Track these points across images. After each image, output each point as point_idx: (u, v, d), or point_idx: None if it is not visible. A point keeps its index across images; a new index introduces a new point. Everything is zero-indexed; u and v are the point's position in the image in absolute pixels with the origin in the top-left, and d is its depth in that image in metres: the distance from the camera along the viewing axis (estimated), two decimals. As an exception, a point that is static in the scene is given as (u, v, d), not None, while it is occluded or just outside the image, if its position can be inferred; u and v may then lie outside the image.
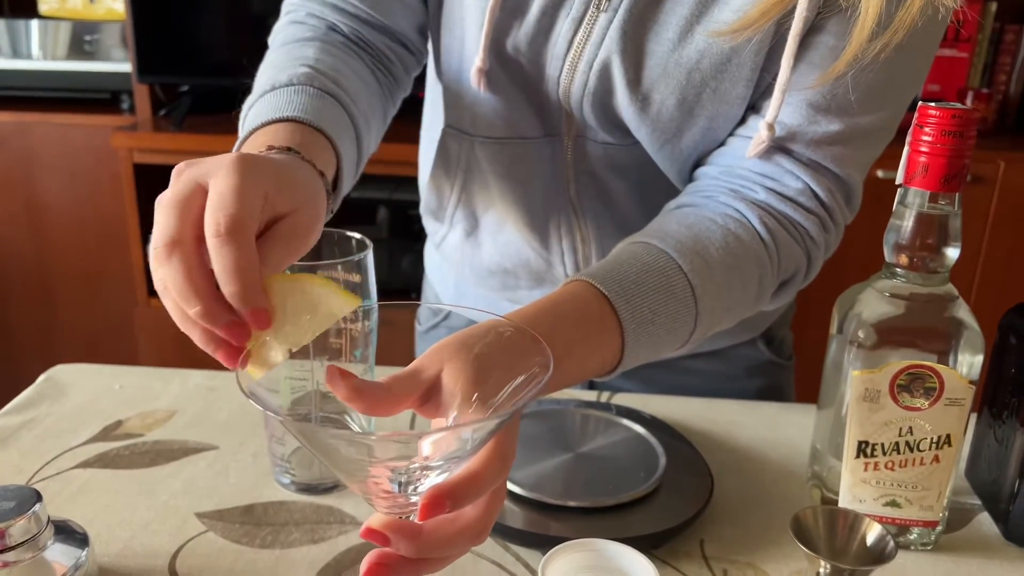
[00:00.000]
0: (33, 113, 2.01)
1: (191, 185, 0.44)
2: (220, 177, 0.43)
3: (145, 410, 0.76)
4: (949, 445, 0.57)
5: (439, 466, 0.40)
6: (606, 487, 0.61)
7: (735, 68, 0.61)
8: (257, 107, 0.60)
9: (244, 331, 0.42)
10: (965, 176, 0.54)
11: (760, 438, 0.74)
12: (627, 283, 0.54)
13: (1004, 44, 2.04)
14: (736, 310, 0.61)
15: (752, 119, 0.64)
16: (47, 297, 2.15)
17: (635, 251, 0.57)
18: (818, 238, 0.64)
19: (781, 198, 0.63)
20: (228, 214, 0.42)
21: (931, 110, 0.53)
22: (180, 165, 0.46)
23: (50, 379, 0.80)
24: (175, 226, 0.42)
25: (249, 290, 0.41)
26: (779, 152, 0.63)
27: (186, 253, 0.42)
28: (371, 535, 0.40)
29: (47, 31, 2.03)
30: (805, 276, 0.66)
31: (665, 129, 0.65)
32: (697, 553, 0.59)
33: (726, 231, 0.59)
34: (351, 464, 0.40)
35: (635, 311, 0.54)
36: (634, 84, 0.64)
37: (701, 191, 0.64)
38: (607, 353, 0.53)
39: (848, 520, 0.52)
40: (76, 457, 0.68)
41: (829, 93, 0.60)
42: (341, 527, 0.61)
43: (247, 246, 0.42)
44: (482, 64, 0.67)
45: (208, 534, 0.59)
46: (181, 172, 0.45)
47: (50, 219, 2.08)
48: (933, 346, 0.56)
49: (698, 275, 0.56)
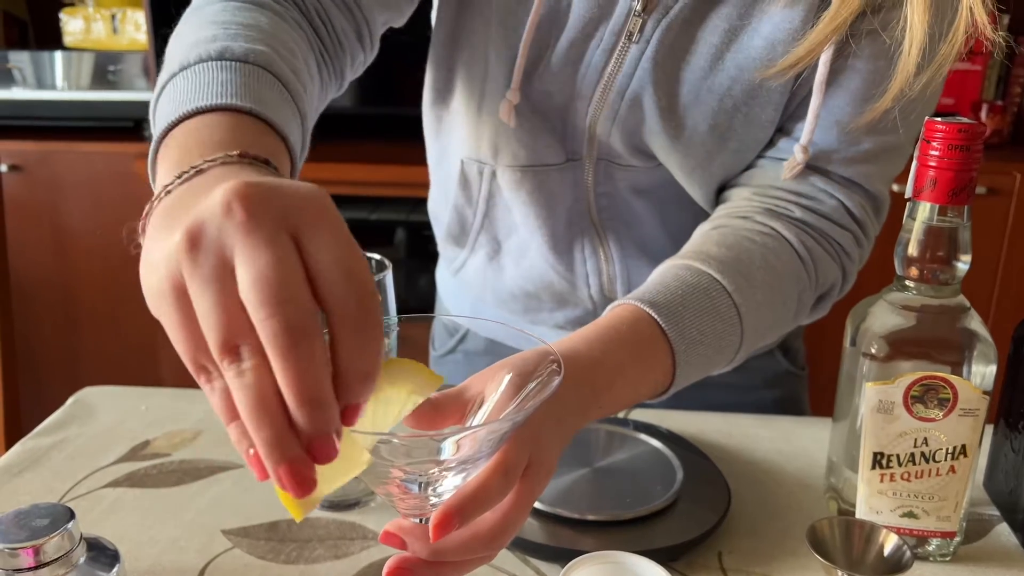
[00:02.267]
0: (58, 142, 2.06)
1: (219, 263, 0.32)
2: (251, 251, 0.32)
3: (171, 430, 0.77)
4: (965, 455, 0.57)
5: (456, 467, 0.41)
6: (624, 500, 0.62)
7: (765, 93, 0.63)
8: (205, 74, 0.46)
9: (310, 471, 0.32)
10: (973, 189, 0.55)
11: (776, 451, 0.74)
12: (674, 305, 0.55)
13: (1018, 57, 2.04)
14: (777, 327, 0.62)
15: (783, 141, 0.65)
16: (72, 322, 2.18)
17: (678, 273, 0.58)
18: (852, 252, 0.65)
19: (817, 216, 0.64)
20: (297, 310, 0.31)
21: (938, 125, 0.54)
22: (182, 241, 0.32)
23: (79, 401, 0.82)
24: (227, 323, 0.31)
25: (333, 410, 0.32)
26: (812, 172, 0.64)
27: (257, 362, 0.32)
28: (388, 538, 0.41)
29: (71, 62, 2.08)
30: (840, 289, 0.67)
31: (696, 155, 0.66)
32: (715, 565, 0.60)
33: (765, 250, 0.61)
34: (375, 465, 0.42)
35: (684, 332, 0.55)
36: (667, 112, 0.65)
37: (736, 212, 0.65)
38: (659, 375, 0.55)
39: (864, 531, 0.52)
40: (106, 477, 0.70)
41: (859, 114, 0.61)
42: (364, 543, 0.62)
43: (322, 349, 0.32)
44: (513, 98, 0.67)
45: (234, 551, 0.61)
46: (191, 250, 0.32)
47: (75, 245, 2.12)
48: (946, 357, 0.56)
49: (741, 294, 0.58)
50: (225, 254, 0.32)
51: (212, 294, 0.32)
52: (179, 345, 0.34)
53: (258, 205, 0.32)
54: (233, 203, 0.32)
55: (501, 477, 0.42)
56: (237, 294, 0.32)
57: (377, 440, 0.39)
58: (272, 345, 0.31)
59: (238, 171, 0.38)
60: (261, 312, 0.31)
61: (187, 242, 0.32)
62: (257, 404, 0.31)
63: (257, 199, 0.32)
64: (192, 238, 0.32)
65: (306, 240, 0.33)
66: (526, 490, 0.44)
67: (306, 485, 0.32)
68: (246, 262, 0.31)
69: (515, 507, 0.44)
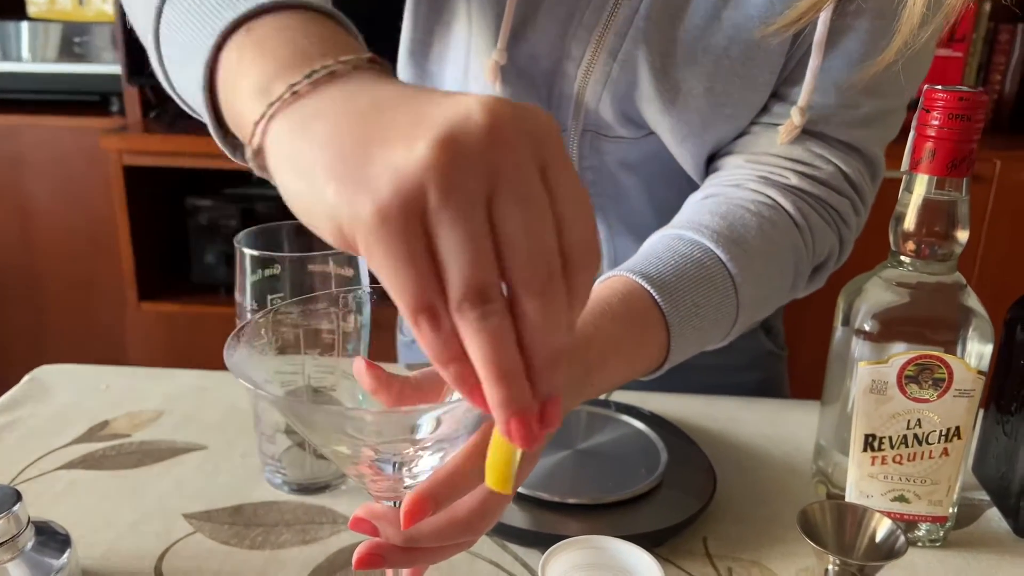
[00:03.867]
0: (22, 116, 1.99)
1: (481, 189, 0.28)
2: (522, 186, 0.28)
3: (132, 410, 0.74)
4: (959, 438, 0.55)
5: (432, 446, 0.38)
6: (606, 484, 0.59)
7: (763, 54, 0.60)
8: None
9: (538, 426, 0.31)
10: (973, 161, 0.53)
11: (761, 435, 0.72)
12: (668, 276, 0.53)
13: (999, 44, 2.03)
14: (774, 298, 0.60)
15: (777, 106, 0.63)
16: (35, 301, 2.13)
17: (671, 244, 0.55)
18: (850, 220, 0.63)
19: (814, 182, 0.62)
20: (556, 257, 0.29)
21: (938, 93, 0.52)
22: (434, 155, 0.27)
23: (34, 380, 0.78)
24: (485, 261, 0.28)
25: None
26: (809, 137, 0.62)
27: (503, 306, 0.29)
28: (358, 524, 0.38)
29: (36, 33, 2.01)
30: (837, 259, 0.65)
31: (690, 121, 0.64)
32: (700, 551, 0.57)
33: (761, 218, 0.58)
34: (344, 443, 0.39)
35: (678, 305, 0.52)
36: (660, 74, 0.62)
37: (729, 180, 0.63)
38: (653, 350, 0.52)
39: (857, 515, 0.50)
40: (60, 458, 0.66)
41: (856, 76, 0.59)
42: (334, 527, 0.59)
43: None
44: (499, 58, 0.64)
45: (196, 535, 0.58)
46: (449, 169, 0.27)
47: (39, 222, 2.05)
48: (940, 336, 0.54)
49: (737, 265, 0.55)
50: (488, 181, 0.28)
51: (473, 224, 0.28)
52: (402, 281, 0.28)
53: (519, 132, 0.28)
54: (495, 124, 0.28)
55: (479, 459, 0.39)
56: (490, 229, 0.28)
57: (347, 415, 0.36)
58: (534, 290, 0.28)
59: (379, 78, 0.33)
60: (527, 255, 0.28)
61: (443, 157, 0.27)
62: (501, 350, 0.28)
63: (515, 123, 0.28)
64: (451, 155, 0.27)
65: (552, 178, 0.29)
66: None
67: (534, 438, 0.30)
68: (518, 198, 0.28)
69: (499, 493, 0.41)
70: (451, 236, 0.28)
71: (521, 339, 0.29)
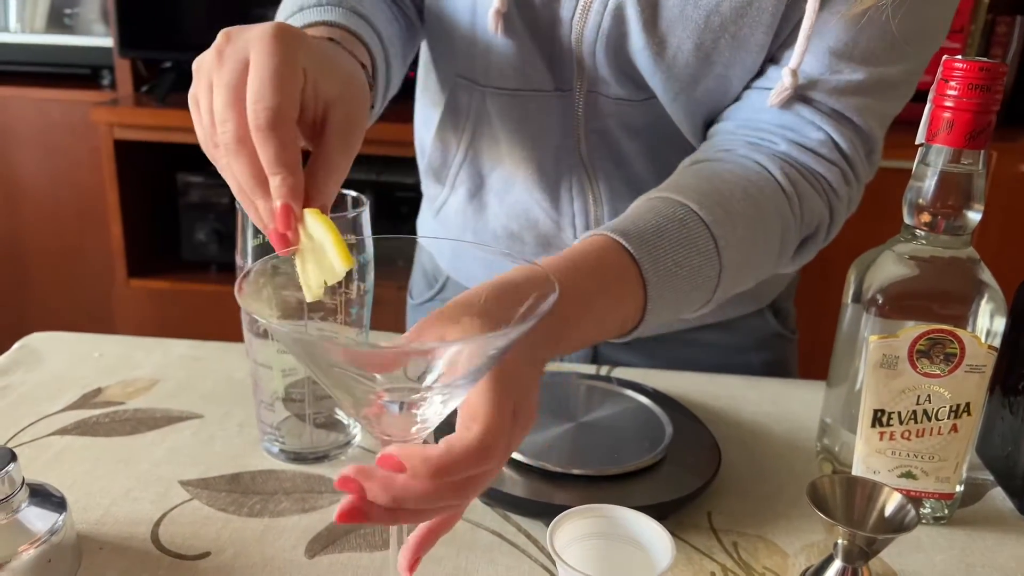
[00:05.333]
0: (10, 88, 1.96)
1: (238, 67, 0.44)
2: (259, 56, 0.44)
3: (126, 378, 0.72)
4: (968, 414, 0.55)
5: (439, 388, 0.38)
6: (611, 456, 0.59)
7: (755, 13, 0.59)
8: (311, 13, 0.59)
9: (291, 218, 0.44)
10: (991, 133, 0.52)
11: (764, 413, 0.72)
12: (648, 235, 0.51)
13: (996, 36, 2.03)
14: (759, 266, 0.59)
15: (772, 70, 0.62)
16: (22, 276, 2.10)
17: (653, 205, 0.54)
18: (840, 190, 0.62)
19: (802, 149, 0.61)
20: (267, 107, 0.43)
21: (957, 63, 0.51)
22: (221, 37, 0.46)
23: (25, 346, 0.77)
24: (237, 121, 0.44)
25: (286, 184, 0.43)
26: (800, 102, 0.61)
27: (252, 150, 0.44)
28: (345, 484, 0.37)
29: (25, 3, 1.98)
30: (827, 232, 0.64)
31: (680, 76, 0.63)
32: (705, 524, 0.57)
33: (747, 182, 0.57)
34: (351, 381, 0.38)
35: (657, 262, 0.51)
36: (650, 26, 0.61)
37: (718, 146, 0.62)
38: (629, 308, 0.50)
39: (867, 489, 0.50)
40: (53, 424, 0.65)
41: (852, 40, 0.58)
42: (333, 496, 0.58)
43: (288, 137, 0.43)
44: (501, 6, 0.64)
45: (193, 502, 0.56)
46: (223, 49, 0.45)
47: (26, 196, 2.03)
48: (951, 311, 0.54)
49: (720, 226, 0.54)
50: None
51: (218, 91, 0.45)
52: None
53: (230, 39, 0.46)
54: (223, 38, 0.46)
55: (483, 454, 0.38)
56: (237, 103, 0.45)
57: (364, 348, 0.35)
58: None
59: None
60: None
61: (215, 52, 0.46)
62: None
63: (232, 34, 0.46)
64: (214, 52, 0.46)
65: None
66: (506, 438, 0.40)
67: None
68: (220, 74, 0.46)
69: (487, 460, 0.40)
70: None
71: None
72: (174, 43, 1.93)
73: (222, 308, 1.76)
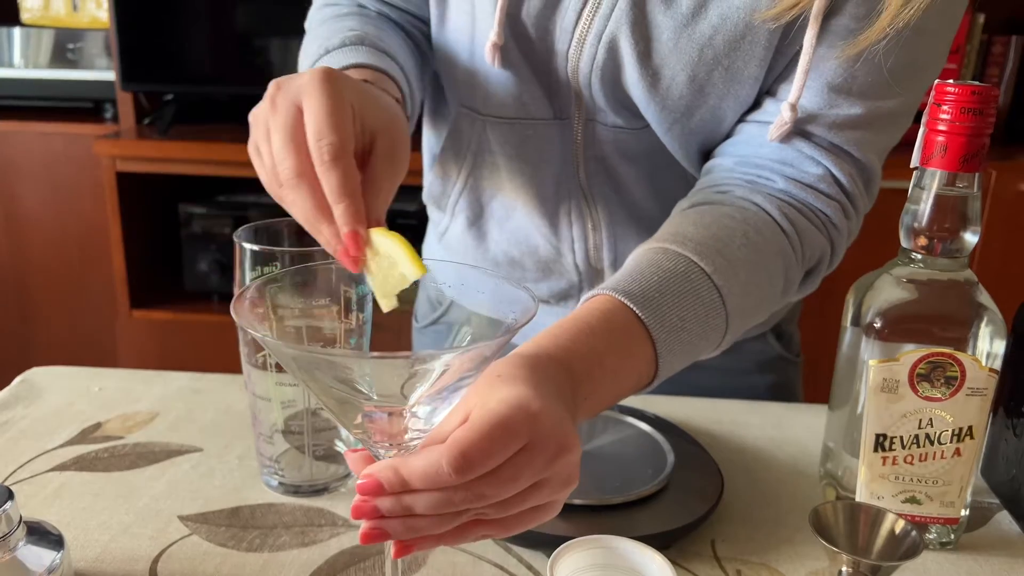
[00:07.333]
0: (14, 122, 1.97)
1: (292, 111, 0.48)
2: (312, 99, 0.47)
3: (126, 412, 0.72)
4: (971, 437, 0.54)
5: (426, 402, 0.40)
6: (612, 485, 0.58)
7: (748, 46, 0.59)
8: (341, 55, 0.63)
9: (360, 241, 0.46)
10: (985, 156, 0.52)
11: (767, 437, 0.71)
12: (651, 292, 0.52)
13: (992, 56, 2.04)
14: (765, 305, 0.59)
15: (769, 103, 0.62)
16: (25, 307, 2.10)
17: (653, 258, 0.55)
18: (840, 224, 0.62)
19: (801, 186, 0.61)
20: (329, 142, 0.46)
21: (949, 87, 0.51)
22: (272, 87, 0.50)
23: (26, 381, 0.77)
24: (295, 158, 0.47)
25: (350, 211, 0.46)
26: (798, 137, 0.61)
27: (311, 183, 0.47)
28: (358, 511, 0.40)
29: (29, 39, 2.00)
30: (829, 263, 0.64)
31: (674, 108, 0.63)
32: (708, 553, 0.56)
33: (746, 226, 0.57)
34: (344, 394, 0.39)
35: (663, 319, 0.52)
36: (644, 58, 0.62)
37: (715, 186, 0.62)
38: (640, 364, 0.51)
39: (870, 515, 0.49)
40: (52, 460, 0.64)
41: (850, 75, 0.58)
42: (333, 529, 0.57)
43: (350, 168, 0.47)
44: (497, 39, 0.65)
45: (192, 537, 0.56)
46: (275, 98, 0.49)
47: (30, 229, 2.03)
48: (951, 333, 0.54)
49: (722, 275, 0.54)
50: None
51: (276, 135, 0.49)
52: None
53: (279, 87, 0.50)
54: (274, 87, 0.50)
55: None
56: (295, 143, 0.48)
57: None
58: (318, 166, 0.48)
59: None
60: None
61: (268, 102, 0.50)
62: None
63: (282, 84, 0.50)
64: (268, 102, 0.50)
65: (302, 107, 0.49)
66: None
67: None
68: (275, 121, 0.49)
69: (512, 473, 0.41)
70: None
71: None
72: (175, 76, 1.95)
73: (225, 338, 1.76)
